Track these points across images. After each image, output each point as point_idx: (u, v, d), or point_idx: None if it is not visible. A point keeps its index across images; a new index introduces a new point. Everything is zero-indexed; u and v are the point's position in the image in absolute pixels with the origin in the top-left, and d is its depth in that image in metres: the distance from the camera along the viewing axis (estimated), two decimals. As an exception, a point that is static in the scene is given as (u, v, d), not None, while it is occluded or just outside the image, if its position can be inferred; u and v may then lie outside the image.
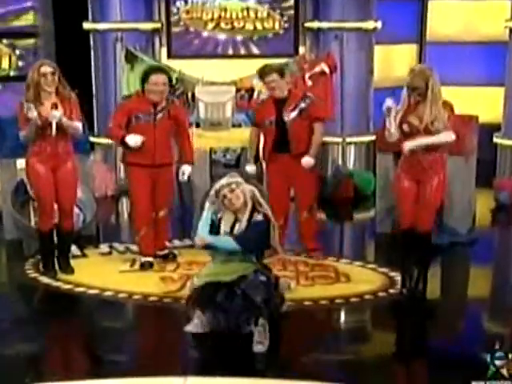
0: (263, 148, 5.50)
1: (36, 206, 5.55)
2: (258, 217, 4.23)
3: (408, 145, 4.65)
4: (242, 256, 4.24)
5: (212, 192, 4.34)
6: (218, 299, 4.13)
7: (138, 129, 5.27)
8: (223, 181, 4.28)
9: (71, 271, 5.34)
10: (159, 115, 5.28)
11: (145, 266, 5.45)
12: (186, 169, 5.50)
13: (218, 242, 4.25)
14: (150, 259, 5.46)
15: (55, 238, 5.39)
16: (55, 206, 5.28)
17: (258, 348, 4.04)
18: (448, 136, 4.63)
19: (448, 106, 4.67)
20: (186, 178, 5.53)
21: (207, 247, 4.32)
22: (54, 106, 4.92)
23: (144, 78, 5.32)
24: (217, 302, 4.13)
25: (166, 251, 5.58)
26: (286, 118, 5.30)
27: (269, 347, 4.05)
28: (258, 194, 4.28)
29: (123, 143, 5.26)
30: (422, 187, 4.76)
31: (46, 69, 4.94)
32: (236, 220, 4.27)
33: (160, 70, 5.48)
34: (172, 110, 5.36)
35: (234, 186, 4.24)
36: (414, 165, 4.71)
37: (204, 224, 4.28)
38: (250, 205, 4.24)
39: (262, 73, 5.31)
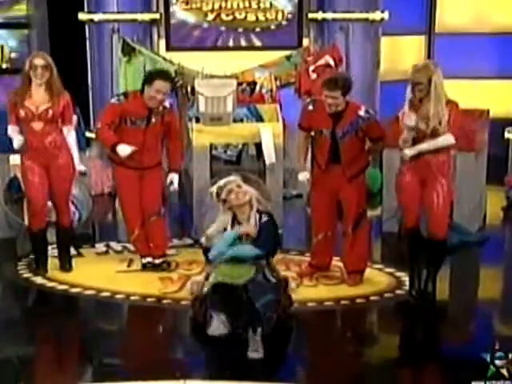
0: (316, 157, 5.02)
1: (27, 204, 5.44)
2: (264, 218, 4.30)
3: (407, 153, 4.53)
4: (253, 259, 4.24)
5: (213, 189, 4.34)
6: (231, 301, 4.08)
7: (128, 132, 5.10)
8: (227, 178, 4.36)
9: (69, 269, 5.25)
10: (153, 121, 5.13)
11: (147, 268, 5.31)
12: (174, 177, 5.28)
13: (239, 252, 4.22)
14: (150, 259, 5.32)
15: (48, 237, 5.28)
16: (49, 204, 5.20)
17: (253, 355, 3.96)
18: (447, 139, 4.49)
19: (452, 104, 4.49)
20: (175, 186, 5.30)
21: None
22: None
23: (147, 80, 5.10)
24: (230, 305, 4.08)
25: (161, 260, 5.36)
26: (338, 135, 4.86)
27: (269, 350, 3.95)
28: (259, 197, 4.37)
29: (113, 150, 5.09)
30: (427, 191, 4.60)
31: (39, 61, 4.89)
32: (234, 220, 4.31)
33: (166, 76, 5.19)
34: (166, 115, 5.19)
35: (240, 182, 4.34)
36: (420, 164, 4.58)
37: (224, 243, 4.24)
38: (255, 206, 4.31)
39: (328, 83, 4.84)
